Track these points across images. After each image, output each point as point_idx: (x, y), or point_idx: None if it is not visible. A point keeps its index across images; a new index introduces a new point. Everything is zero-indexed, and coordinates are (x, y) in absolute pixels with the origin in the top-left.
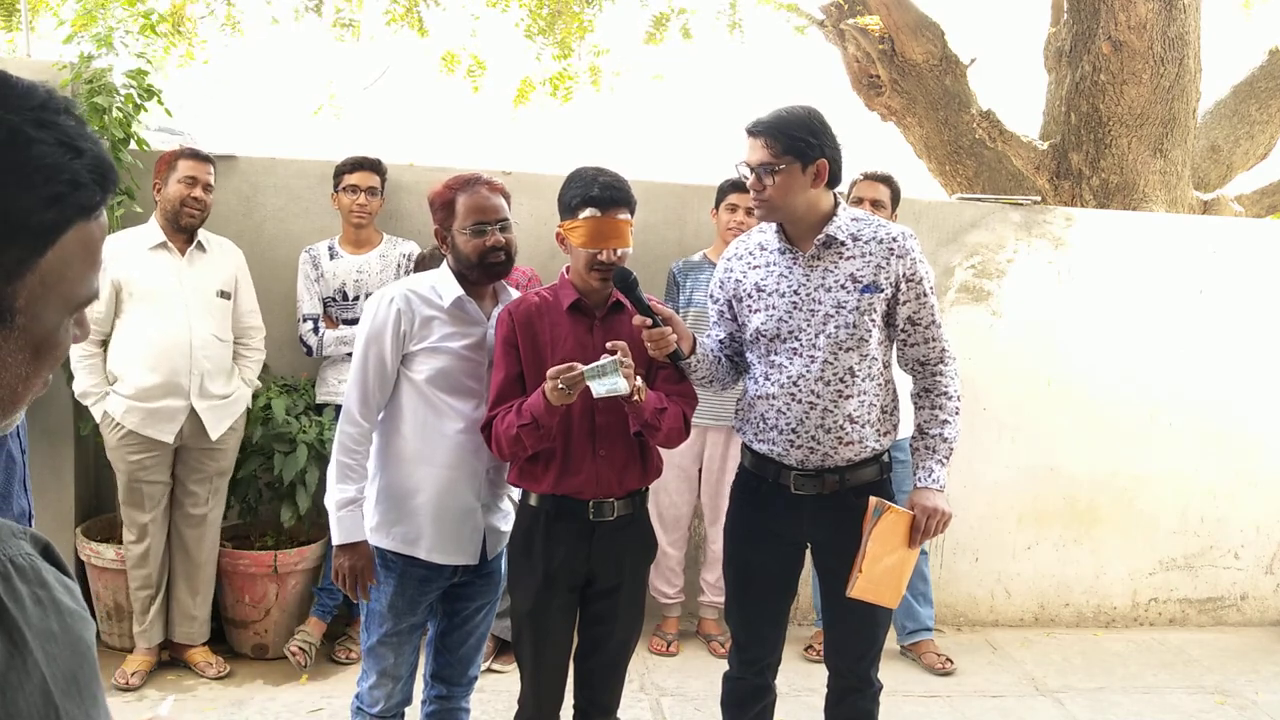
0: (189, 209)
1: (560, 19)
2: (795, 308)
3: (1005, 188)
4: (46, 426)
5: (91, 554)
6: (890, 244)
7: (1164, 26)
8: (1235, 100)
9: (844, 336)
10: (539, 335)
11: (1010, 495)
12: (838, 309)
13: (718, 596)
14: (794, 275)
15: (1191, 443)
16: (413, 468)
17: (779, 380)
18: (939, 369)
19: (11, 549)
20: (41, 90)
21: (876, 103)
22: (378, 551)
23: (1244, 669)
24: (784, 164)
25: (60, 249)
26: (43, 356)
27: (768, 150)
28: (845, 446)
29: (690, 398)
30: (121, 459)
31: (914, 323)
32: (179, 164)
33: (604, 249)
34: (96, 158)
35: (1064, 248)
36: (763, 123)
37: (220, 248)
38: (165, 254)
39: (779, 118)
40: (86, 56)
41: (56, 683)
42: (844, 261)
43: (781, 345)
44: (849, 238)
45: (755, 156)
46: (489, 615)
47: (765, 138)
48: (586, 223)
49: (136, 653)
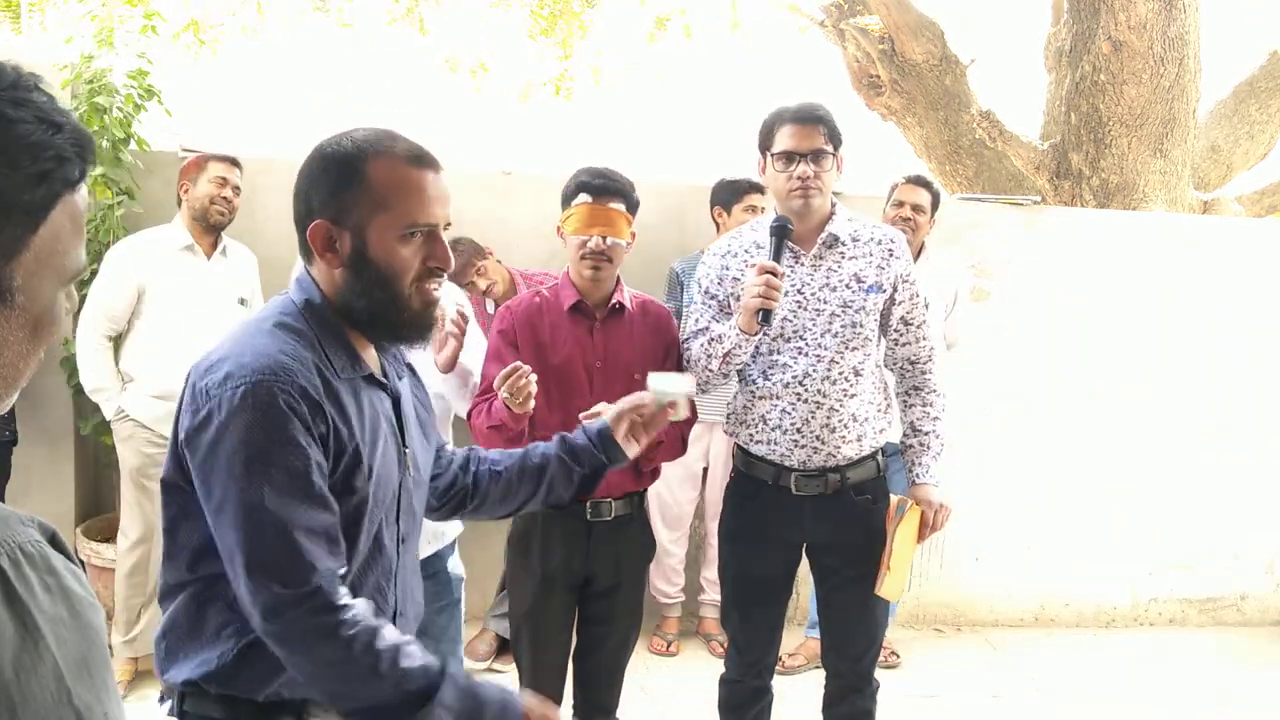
0: (218, 206)
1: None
2: (800, 306)
3: (1005, 188)
4: (46, 426)
5: (91, 554)
6: (889, 245)
7: (1164, 26)
8: (1235, 100)
9: (850, 335)
10: (539, 334)
11: (1010, 495)
12: (843, 308)
13: (718, 595)
14: (797, 274)
15: (1192, 442)
16: None
17: (782, 380)
18: (928, 367)
19: (20, 536)
20: (9, 69)
21: (876, 103)
22: None
23: (1244, 669)
24: (830, 151)
25: (51, 224)
26: (41, 332)
27: (822, 138)
28: (847, 445)
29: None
30: (134, 452)
31: (907, 323)
32: (209, 165)
33: (592, 234)
34: (75, 130)
35: (1064, 248)
36: (813, 110)
37: (240, 254)
38: (191, 256)
39: (818, 105)
40: (87, 56)
41: (69, 667)
42: (847, 261)
43: (785, 344)
44: (849, 237)
45: (811, 143)
46: (451, 620)
47: (816, 124)
48: (579, 209)
49: (119, 661)
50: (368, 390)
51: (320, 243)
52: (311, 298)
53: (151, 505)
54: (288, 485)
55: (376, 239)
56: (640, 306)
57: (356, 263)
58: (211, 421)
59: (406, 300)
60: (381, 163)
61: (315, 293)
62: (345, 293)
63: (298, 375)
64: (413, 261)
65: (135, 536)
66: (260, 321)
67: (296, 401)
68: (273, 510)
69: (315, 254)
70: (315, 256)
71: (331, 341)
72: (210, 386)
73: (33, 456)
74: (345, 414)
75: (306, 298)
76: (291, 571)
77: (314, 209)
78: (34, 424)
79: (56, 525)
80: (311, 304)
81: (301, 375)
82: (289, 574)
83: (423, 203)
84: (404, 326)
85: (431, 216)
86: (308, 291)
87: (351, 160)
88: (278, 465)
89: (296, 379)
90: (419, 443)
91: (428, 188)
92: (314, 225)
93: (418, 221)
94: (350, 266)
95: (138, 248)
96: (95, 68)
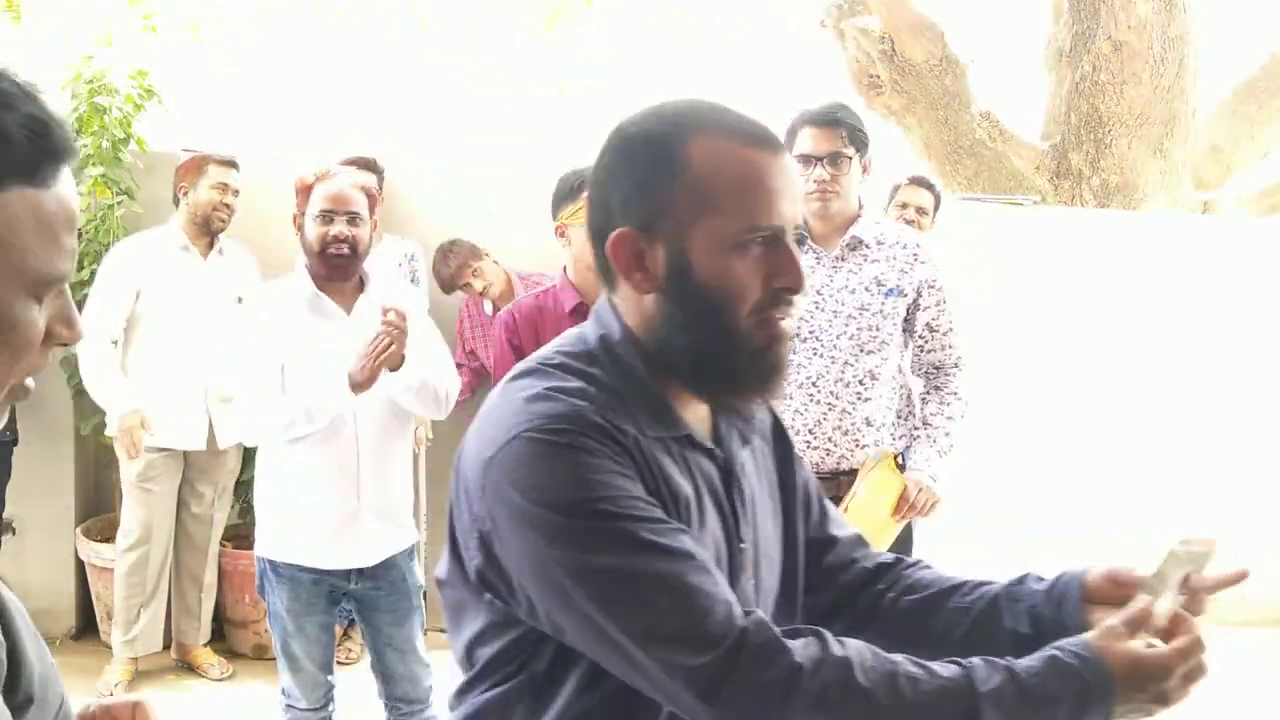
0: (219, 214)
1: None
2: (818, 307)
3: (1005, 188)
4: (46, 426)
5: (91, 554)
6: (914, 249)
7: (1164, 26)
8: (1235, 100)
9: (866, 339)
10: (543, 339)
11: (1010, 496)
12: (861, 311)
13: None
14: (817, 275)
15: (1192, 441)
16: (286, 473)
17: (796, 380)
18: (954, 373)
19: None
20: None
21: (876, 103)
22: (266, 562)
23: (1244, 669)
24: (850, 154)
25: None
26: (9, 343)
27: (840, 140)
28: (860, 449)
29: None
30: (131, 460)
31: (932, 329)
32: (209, 169)
33: None
34: (31, 116)
35: (1064, 248)
36: (832, 112)
37: (237, 254)
38: (188, 257)
39: (839, 108)
40: (87, 56)
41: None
42: (868, 264)
43: (801, 344)
44: (873, 240)
45: (826, 146)
46: (410, 626)
47: (835, 127)
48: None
49: (118, 661)
50: (686, 456)
51: (624, 259)
52: (609, 333)
53: (151, 506)
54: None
55: (702, 251)
56: None
57: (676, 285)
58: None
59: (744, 336)
60: (707, 145)
61: (615, 326)
62: (660, 326)
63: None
64: (751, 281)
65: (135, 537)
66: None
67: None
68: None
69: (618, 274)
70: (618, 278)
71: (634, 391)
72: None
73: (33, 456)
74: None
75: (602, 333)
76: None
77: (614, 214)
78: (34, 424)
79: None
80: (609, 343)
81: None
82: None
83: (765, 199)
84: (740, 372)
85: (777, 217)
86: (605, 325)
87: (665, 144)
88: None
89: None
90: (768, 534)
91: (771, 177)
92: (615, 236)
93: (759, 225)
94: (667, 291)
95: (133, 250)
96: (95, 68)
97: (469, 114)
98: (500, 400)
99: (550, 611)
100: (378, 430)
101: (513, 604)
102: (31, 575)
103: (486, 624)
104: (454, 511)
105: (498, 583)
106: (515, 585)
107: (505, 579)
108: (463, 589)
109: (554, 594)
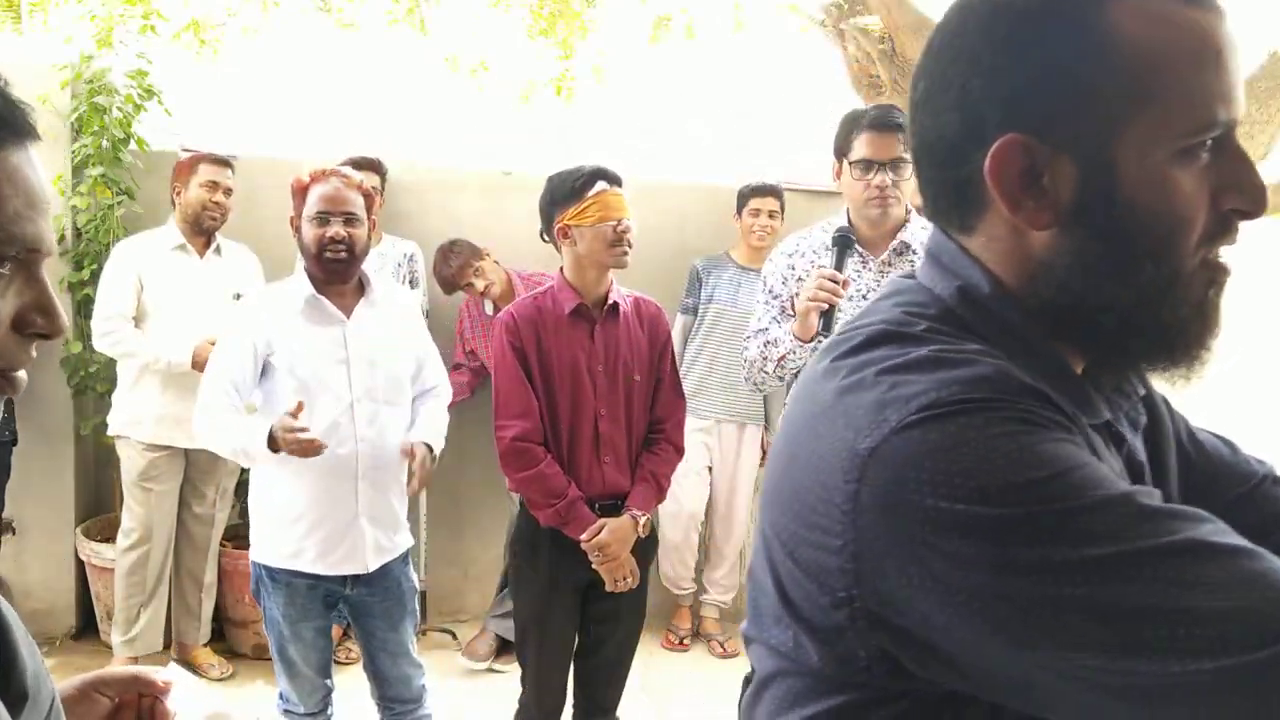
0: (210, 212)
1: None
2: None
3: None
4: (46, 426)
5: (91, 554)
6: None
7: None
8: None
9: None
10: (543, 340)
11: None
12: None
13: (721, 595)
14: (863, 278)
15: None
16: (282, 479)
17: None
18: None
19: None
20: None
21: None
22: (262, 567)
23: None
24: (909, 159)
25: None
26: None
27: (901, 145)
28: None
29: (667, 459)
30: (136, 455)
31: None
32: (200, 168)
33: (621, 218)
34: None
35: None
36: (892, 117)
37: (236, 254)
38: (184, 256)
39: (896, 111)
40: (87, 56)
41: None
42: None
43: None
44: (920, 245)
45: (890, 152)
46: (404, 629)
47: (895, 131)
48: (601, 197)
49: (118, 661)
50: (1099, 450)
51: (1010, 180)
52: (972, 284)
53: (152, 505)
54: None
55: (1135, 162)
56: (634, 304)
57: (1097, 213)
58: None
59: (1187, 281)
60: (1138, 5)
61: (978, 276)
62: (1061, 273)
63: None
64: (1200, 202)
65: (135, 536)
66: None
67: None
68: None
69: (990, 202)
70: (982, 208)
71: (1033, 365)
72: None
73: (33, 456)
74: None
75: (960, 284)
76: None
77: (985, 118)
78: (34, 424)
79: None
80: (974, 296)
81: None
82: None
83: (1225, 81)
84: (1179, 333)
85: (1237, 106)
86: (963, 274)
87: (1076, 8)
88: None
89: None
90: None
91: (1226, 51)
92: (1000, 145)
93: (1217, 119)
94: (1080, 222)
95: (133, 250)
96: (95, 68)
97: (469, 114)
98: (843, 384)
99: (995, 651)
100: (376, 436)
101: (913, 660)
102: (31, 575)
103: (843, 703)
104: (782, 554)
105: (888, 640)
106: (925, 633)
107: (903, 629)
108: (797, 653)
109: (1020, 619)
